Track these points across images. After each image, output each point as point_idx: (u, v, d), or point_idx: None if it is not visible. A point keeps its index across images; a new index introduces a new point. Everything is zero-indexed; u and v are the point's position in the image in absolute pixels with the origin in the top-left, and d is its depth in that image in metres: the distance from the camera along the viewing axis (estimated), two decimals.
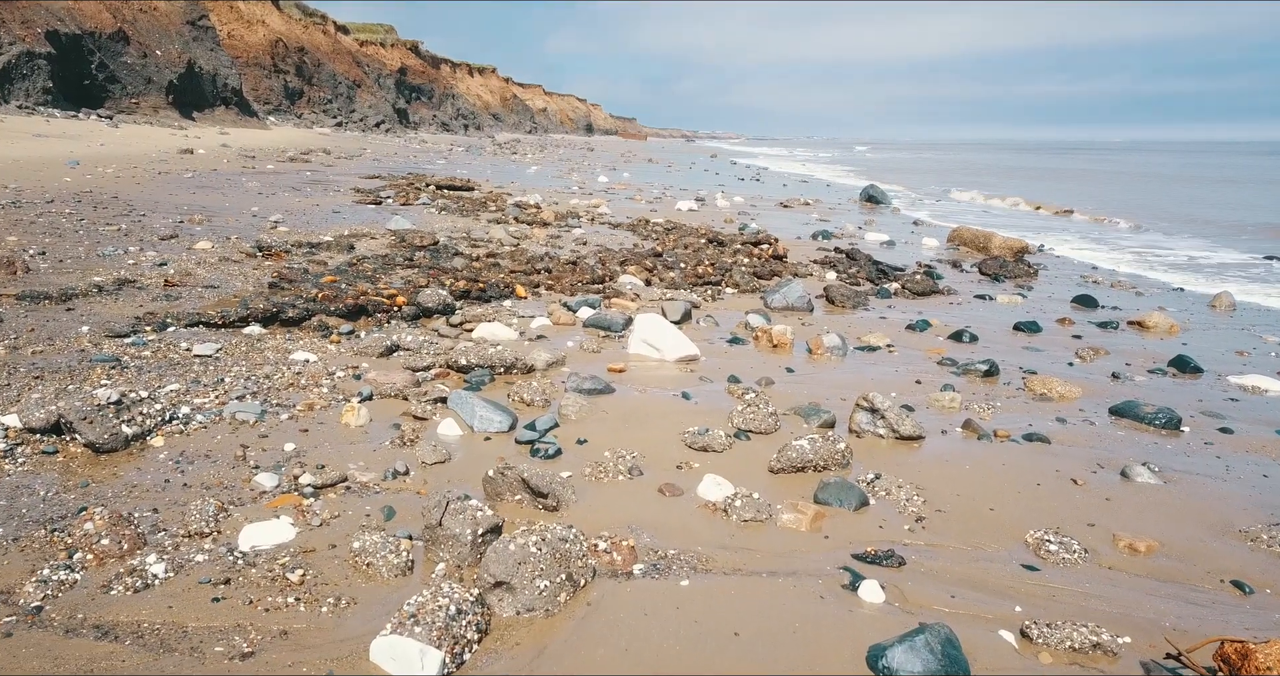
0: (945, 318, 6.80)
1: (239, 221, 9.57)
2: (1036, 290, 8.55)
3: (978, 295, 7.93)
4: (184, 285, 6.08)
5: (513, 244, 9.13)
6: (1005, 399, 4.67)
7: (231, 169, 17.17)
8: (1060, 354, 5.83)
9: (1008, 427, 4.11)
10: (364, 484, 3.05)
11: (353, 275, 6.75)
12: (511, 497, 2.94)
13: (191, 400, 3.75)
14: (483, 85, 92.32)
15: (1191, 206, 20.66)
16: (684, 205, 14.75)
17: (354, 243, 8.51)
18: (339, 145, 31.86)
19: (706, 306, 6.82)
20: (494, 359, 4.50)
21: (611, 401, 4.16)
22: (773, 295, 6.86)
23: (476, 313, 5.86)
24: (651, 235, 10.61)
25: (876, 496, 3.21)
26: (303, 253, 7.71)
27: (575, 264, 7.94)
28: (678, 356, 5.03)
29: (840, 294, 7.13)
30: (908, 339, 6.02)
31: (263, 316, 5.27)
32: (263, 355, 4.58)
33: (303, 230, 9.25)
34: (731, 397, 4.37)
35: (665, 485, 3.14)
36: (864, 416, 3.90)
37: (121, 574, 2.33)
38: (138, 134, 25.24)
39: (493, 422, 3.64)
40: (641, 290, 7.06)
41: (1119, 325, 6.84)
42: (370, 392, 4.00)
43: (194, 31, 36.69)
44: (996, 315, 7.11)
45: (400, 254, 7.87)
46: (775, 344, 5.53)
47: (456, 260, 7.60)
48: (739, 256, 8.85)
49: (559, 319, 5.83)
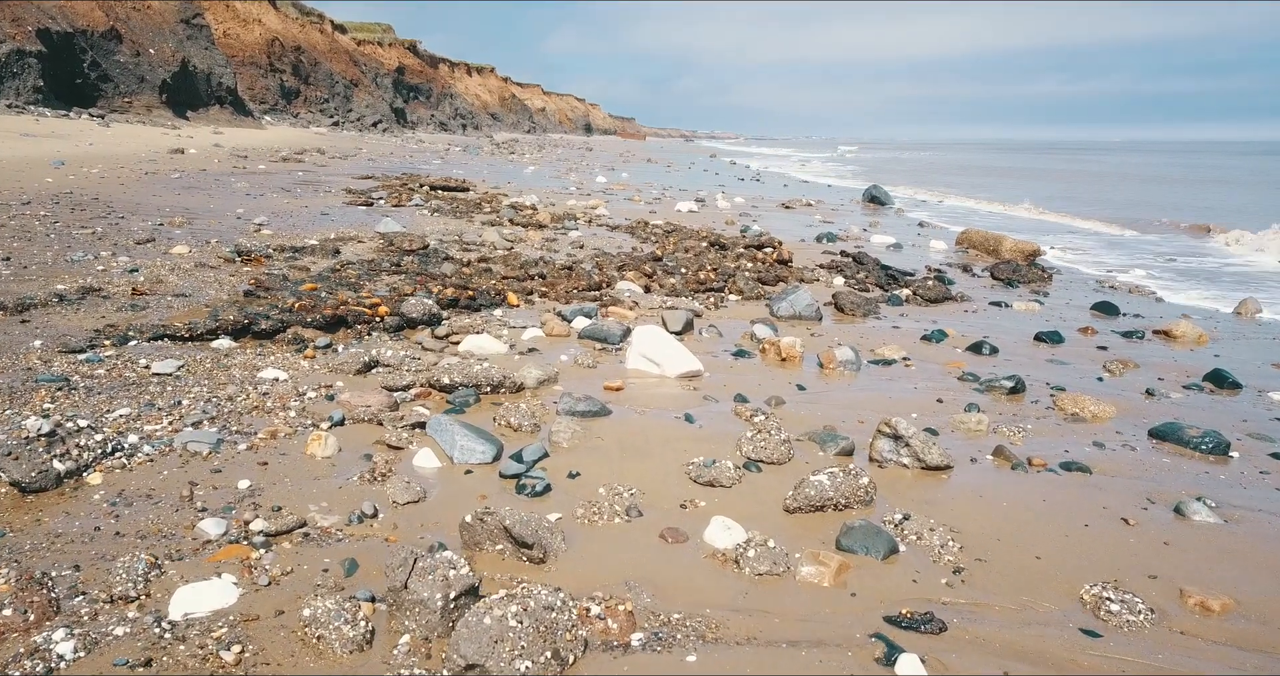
0: (961, 327, 6.43)
1: (222, 224, 9.19)
2: (1053, 296, 8.18)
3: (993, 302, 7.55)
4: (153, 294, 5.70)
5: (506, 248, 8.76)
6: (1035, 420, 4.30)
7: (221, 169, 16.79)
8: (1087, 367, 5.46)
9: (1043, 454, 3.74)
10: (325, 530, 2.68)
11: (335, 282, 6.38)
12: (492, 547, 2.57)
13: (141, 427, 3.38)
14: (481, 85, 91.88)
15: (1199, 206, 20.30)
16: (684, 206, 14.37)
17: (340, 247, 8.14)
18: (334, 145, 31.46)
19: (709, 315, 6.45)
20: (480, 377, 4.13)
21: (608, 425, 3.79)
22: (779, 303, 6.49)
23: (464, 323, 5.49)
24: (651, 238, 10.24)
25: (907, 541, 2.84)
26: (285, 258, 7.33)
27: (571, 269, 7.57)
28: (679, 372, 4.66)
29: (850, 301, 6.76)
30: (924, 351, 5.65)
31: (233, 328, 4.90)
32: (228, 373, 4.21)
33: (288, 233, 8.88)
34: (739, 420, 4.00)
35: (668, 530, 2.77)
36: (886, 444, 3.53)
37: (20, 655, 1.95)
38: (129, 133, 24.83)
39: (474, 453, 3.27)
40: (640, 297, 6.69)
41: (1144, 335, 6.47)
42: (341, 417, 3.63)
43: (188, 30, 36.29)
44: (1015, 324, 6.75)
45: (387, 259, 7.49)
46: (784, 357, 5.16)
47: (446, 265, 7.22)
48: (742, 261, 8.48)
49: (552, 330, 5.46)
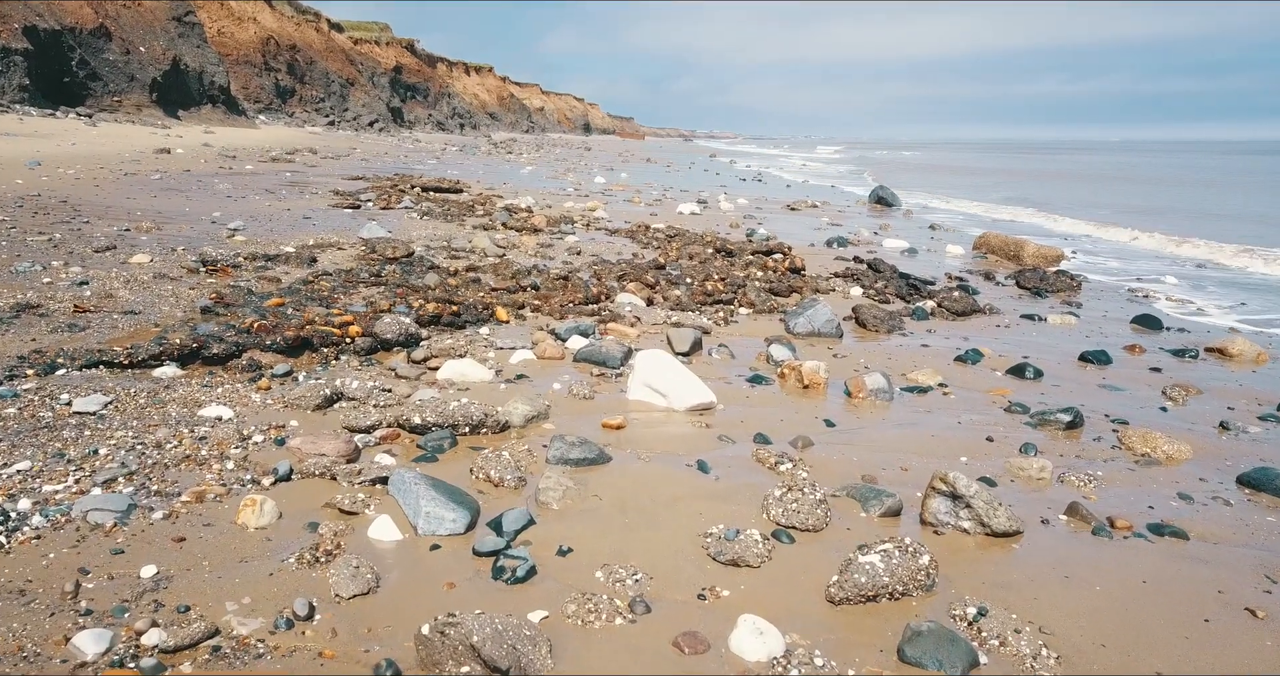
0: (996, 345, 5.84)
1: (194, 229, 8.59)
2: (1087, 307, 7.58)
3: (1025, 315, 6.95)
4: (99, 311, 5.10)
5: (498, 255, 8.16)
6: (1103, 463, 3.71)
7: (206, 170, 16.17)
8: (1145, 394, 4.87)
9: (1125, 513, 3.15)
10: (242, 641, 2.07)
11: (305, 296, 5.77)
12: (456, 670, 1.97)
13: (40, 487, 2.78)
14: (479, 84, 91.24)
15: (1216, 210, 19.72)
16: (685, 208, 13.78)
17: (318, 254, 7.54)
18: (328, 145, 30.84)
19: (718, 332, 5.85)
20: (457, 416, 3.53)
21: (606, 477, 3.20)
22: (795, 318, 5.89)
23: (445, 344, 4.89)
24: (652, 243, 9.64)
25: (987, 648, 2.24)
26: (255, 267, 6.73)
27: (567, 280, 6.97)
28: (689, 404, 4.06)
29: (872, 316, 6.16)
30: (961, 375, 5.05)
31: (181, 353, 4.30)
32: (164, 411, 3.61)
33: (264, 239, 8.28)
34: (761, 468, 3.40)
35: (684, 636, 2.17)
36: (942, 504, 2.94)
37: None
38: (116, 133, 24.21)
39: (443, 522, 2.67)
40: (642, 312, 6.09)
41: (1197, 353, 5.88)
42: (289, 470, 3.03)
43: (180, 27, 35.64)
44: (1053, 341, 6.15)
45: (367, 268, 6.89)
46: (806, 384, 4.57)
47: (430, 276, 6.61)
48: (751, 269, 7.88)
49: (545, 352, 4.86)
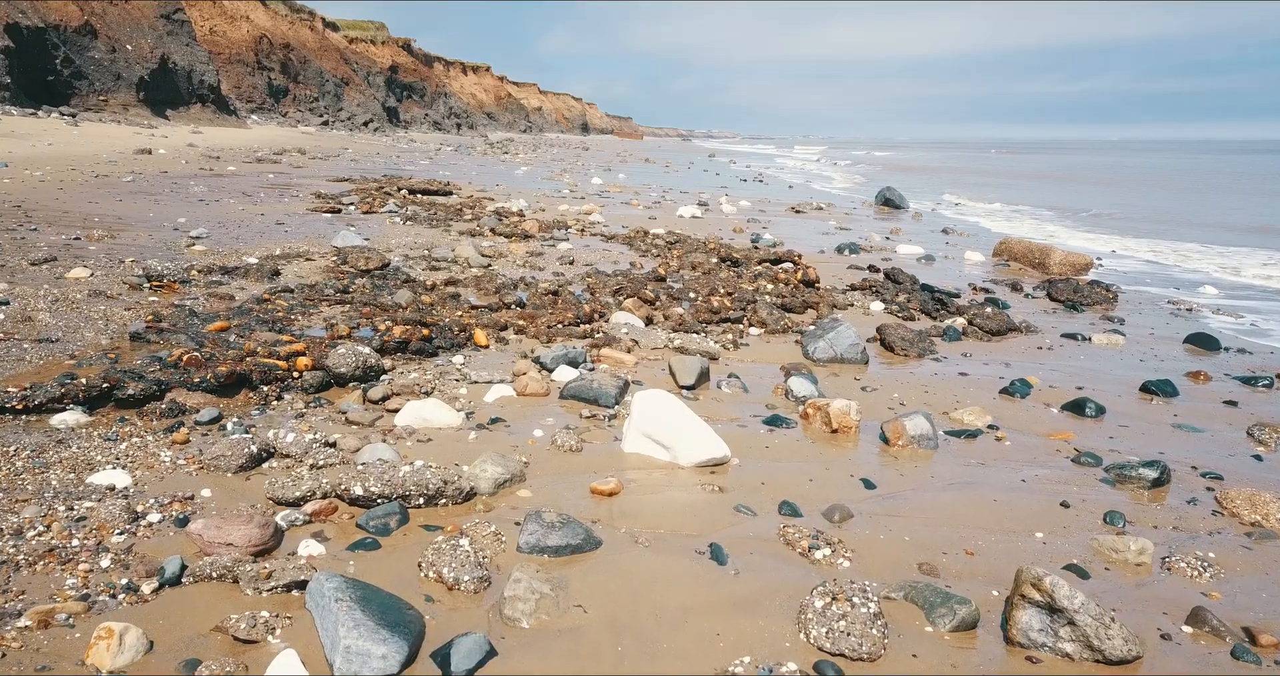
0: (1043, 371, 5.14)
1: (152, 237, 7.87)
2: (1130, 324, 6.88)
3: (1066, 334, 6.25)
4: (9, 338, 4.39)
5: (482, 265, 7.44)
6: (1208, 536, 3.00)
7: (185, 171, 15.45)
8: (1228, 436, 4.16)
9: (1263, 619, 2.44)
10: None
11: (257, 318, 5.05)
12: None
13: None
14: (477, 84, 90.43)
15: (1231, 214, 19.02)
16: (686, 211, 13.08)
17: (282, 266, 6.82)
18: (320, 145, 30.11)
19: (727, 357, 5.14)
20: (409, 484, 2.82)
21: (594, 574, 2.49)
22: (815, 342, 5.18)
23: (410, 379, 4.17)
24: (651, 250, 8.94)
25: None
26: (207, 282, 6.01)
27: (557, 295, 6.26)
28: (697, 460, 3.36)
29: (900, 338, 5.46)
30: (1011, 413, 4.34)
31: (89, 396, 3.59)
32: (43, 477, 2.90)
33: (227, 248, 7.56)
34: (791, 552, 2.70)
35: None
36: (1035, 618, 2.23)
37: None
38: (98, 133, 23.46)
39: (369, 660, 1.96)
40: (641, 334, 5.38)
41: (1271, 382, 5.17)
42: (179, 569, 2.33)
43: (168, 25, 34.88)
44: (1104, 365, 5.45)
45: (334, 283, 6.18)
46: (835, 428, 3.86)
47: (403, 292, 5.89)
48: (761, 281, 7.17)
49: (526, 387, 4.15)
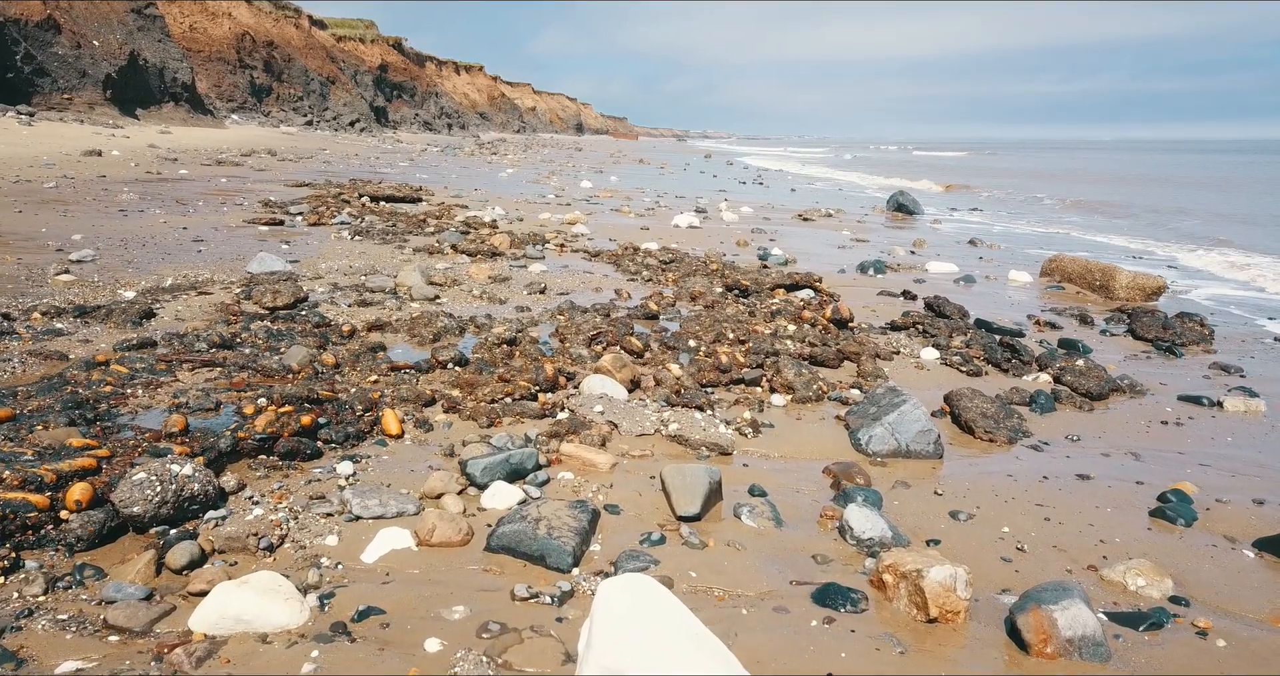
0: (1191, 468, 3.63)
1: (20, 262, 6.32)
2: (1251, 372, 5.37)
3: (1185, 398, 4.72)
4: None
5: (428, 297, 5.91)
6: None
7: (129, 176, 13.89)
8: None
9: None
10: None
11: (68, 397, 3.51)
12: None
13: None
14: (469, 84, 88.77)
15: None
16: (683, 220, 11.54)
17: (164, 303, 5.29)
18: (297, 145, 28.53)
19: (744, 449, 3.61)
20: None
21: None
22: (869, 427, 3.65)
23: (252, 517, 2.63)
24: (642, 272, 7.41)
25: None
26: (42, 331, 4.46)
27: (514, 344, 4.73)
28: None
29: (980, 413, 3.94)
30: (1190, 561, 2.81)
31: None
32: None
33: (107, 277, 6.02)
34: None
35: None
36: None
37: None
38: (51, 133, 21.85)
39: None
40: (622, 412, 3.84)
41: None
42: None
43: (139, 20, 33.26)
44: (1259, 452, 3.93)
45: (216, 330, 4.63)
46: (932, 615, 2.34)
47: (297, 349, 4.32)
48: (780, 320, 5.64)
49: (432, 531, 2.62)
